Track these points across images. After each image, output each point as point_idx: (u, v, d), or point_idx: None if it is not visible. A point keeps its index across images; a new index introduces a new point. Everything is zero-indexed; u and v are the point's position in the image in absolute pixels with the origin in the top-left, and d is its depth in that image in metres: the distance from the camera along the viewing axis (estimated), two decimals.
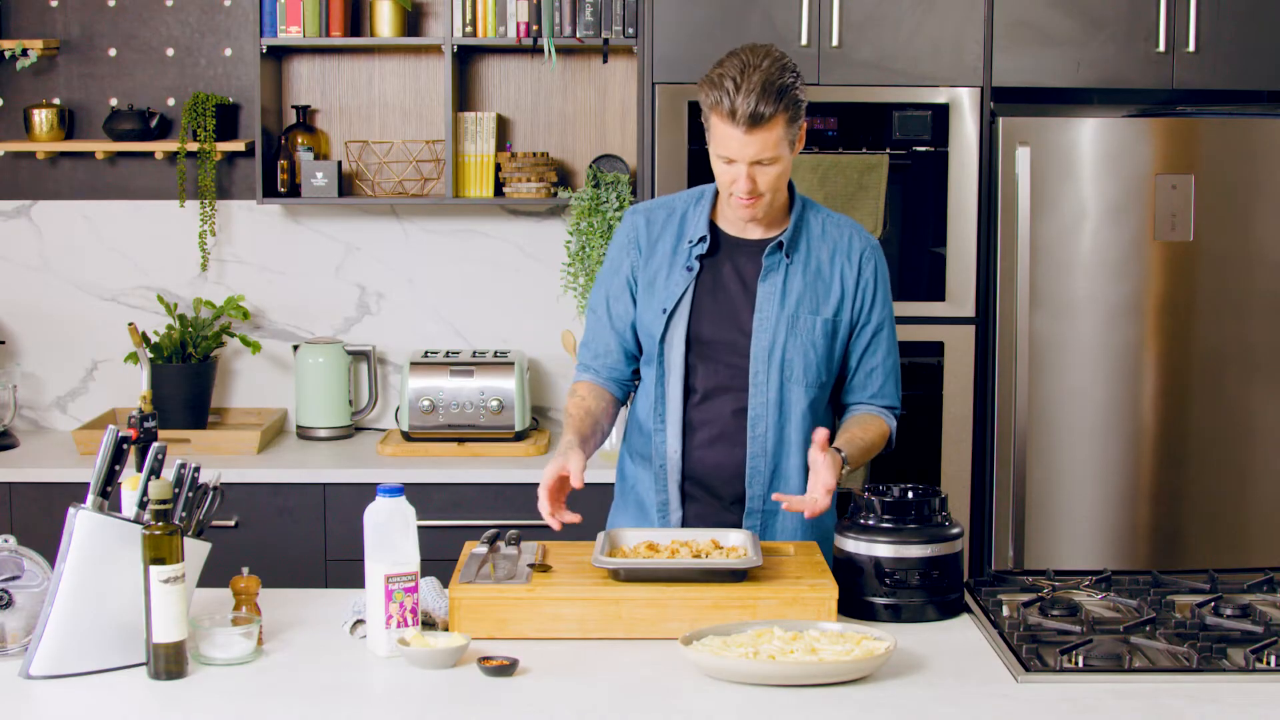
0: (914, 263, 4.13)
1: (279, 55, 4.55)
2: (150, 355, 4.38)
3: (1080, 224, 4.05)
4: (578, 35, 4.36)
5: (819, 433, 2.84)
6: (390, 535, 2.55)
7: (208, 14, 4.55)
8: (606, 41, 4.37)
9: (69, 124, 4.55)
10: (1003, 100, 4.17)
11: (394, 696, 2.40)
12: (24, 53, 4.42)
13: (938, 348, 4.11)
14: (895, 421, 3.10)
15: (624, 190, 4.35)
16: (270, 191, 4.46)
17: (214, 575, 2.77)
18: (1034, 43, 4.07)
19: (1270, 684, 2.42)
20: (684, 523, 3.02)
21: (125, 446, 2.55)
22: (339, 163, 4.44)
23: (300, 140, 4.51)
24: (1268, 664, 2.48)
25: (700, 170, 4.02)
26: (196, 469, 2.58)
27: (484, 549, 2.80)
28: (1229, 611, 2.70)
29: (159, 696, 2.39)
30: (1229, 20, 4.07)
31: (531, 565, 2.73)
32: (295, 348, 4.56)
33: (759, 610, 2.61)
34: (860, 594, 2.73)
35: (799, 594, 2.63)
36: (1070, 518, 4.10)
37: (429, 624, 2.65)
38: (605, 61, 4.53)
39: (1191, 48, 4.07)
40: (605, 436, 3.06)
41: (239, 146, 4.47)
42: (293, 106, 4.56)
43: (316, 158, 4.50)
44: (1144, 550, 4.11)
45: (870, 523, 2.76)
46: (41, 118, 4.46)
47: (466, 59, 4.59)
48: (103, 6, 4.54)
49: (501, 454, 4.27)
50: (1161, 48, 4.07)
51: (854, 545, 2.75)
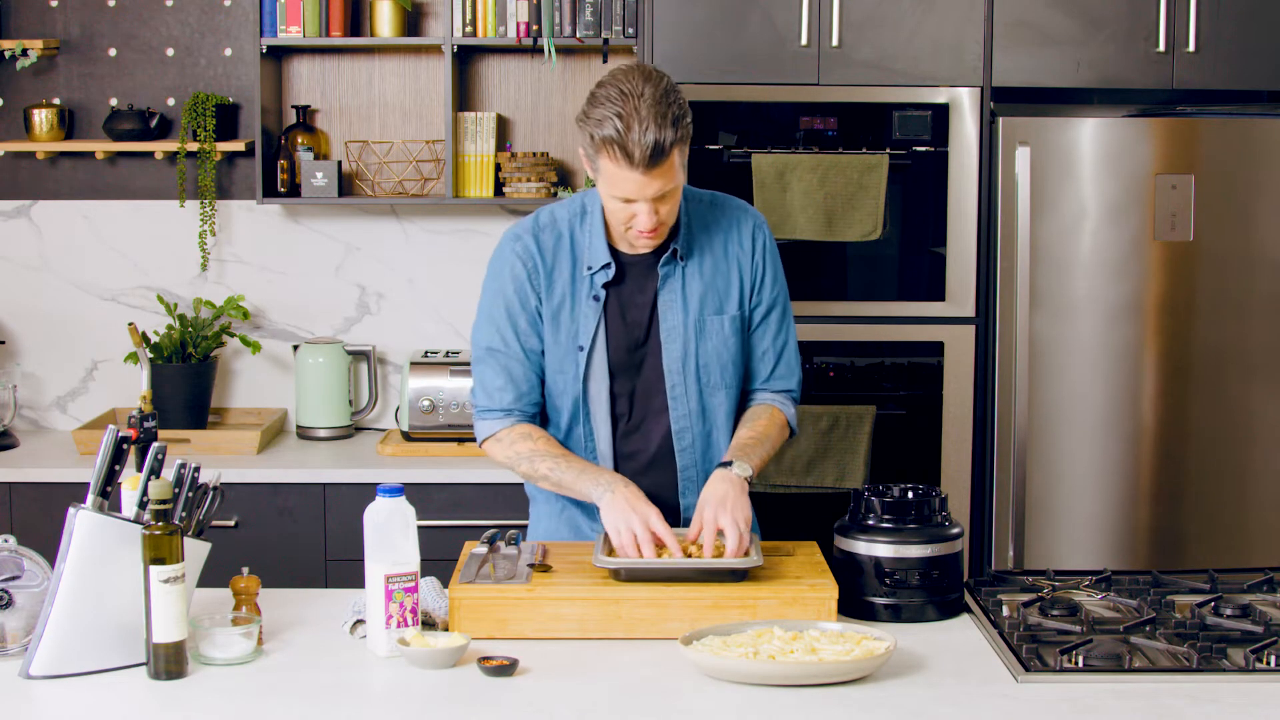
0: (914, 263, 4.13)
1: (279, 55, 4.55)
2: (150, 355, 4.38)
3: (1080, 224, 4.05)
4: (578, 35, 4.36)
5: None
6: (390, 535, 2.55)
7: (208, 14, 4.55)
8: (606, 41, 4.37)
9: (69, 124, 4.55)
10: (1003, 100, 4.17)
11: (394, 696, 2.40)
12: (24, 53, 4.42)
13: (938, 348, 4.11)
14: (793, 407, 3.03)
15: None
16: (270, 191, 4.46)
17: (214, 575, 2.77)
18: (1034, 43, 4.07)
19: (1270, 684, 2.42)
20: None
21: (125, 446, 2.55)
22: (339, 163, 4.44)
23: (300, 140, 4.51)
24: (1268, 664, 2.48)
25: (700, 171, 4.01)
26: (196, 469, 2.58)
27: (484, 549, 2.80)
28: (1229, 611, 2.70)
29: (159, 696, 2.39)
30: (1229, 20, 4.07)
31: (531, 565, 2.73)
32: (295, 348, 4.56)
33: (759, 610, 2.62)
34: (860, 594, 2.73)
35: (799, 594, 2.63)
36: (1070, 518, 4.10)
37: (429, 624, 2.65)
38: (605, 61, 4.52)
39: (1191, 48, 4.07)
40: None
41: (239, 146, 4.47)
42: (293, 106, 4.56)
43: (316, 158, 4.50)
44: (1144, 550, 4.11)
45: (870, 523, 2.76)
46: (41, 118, 4.46)
47: (466, 59, 4.59)
48: (103, 6, 4.54)
49: None
50: (1161, 48, 4.07)
51: (854, 545, 2.75)
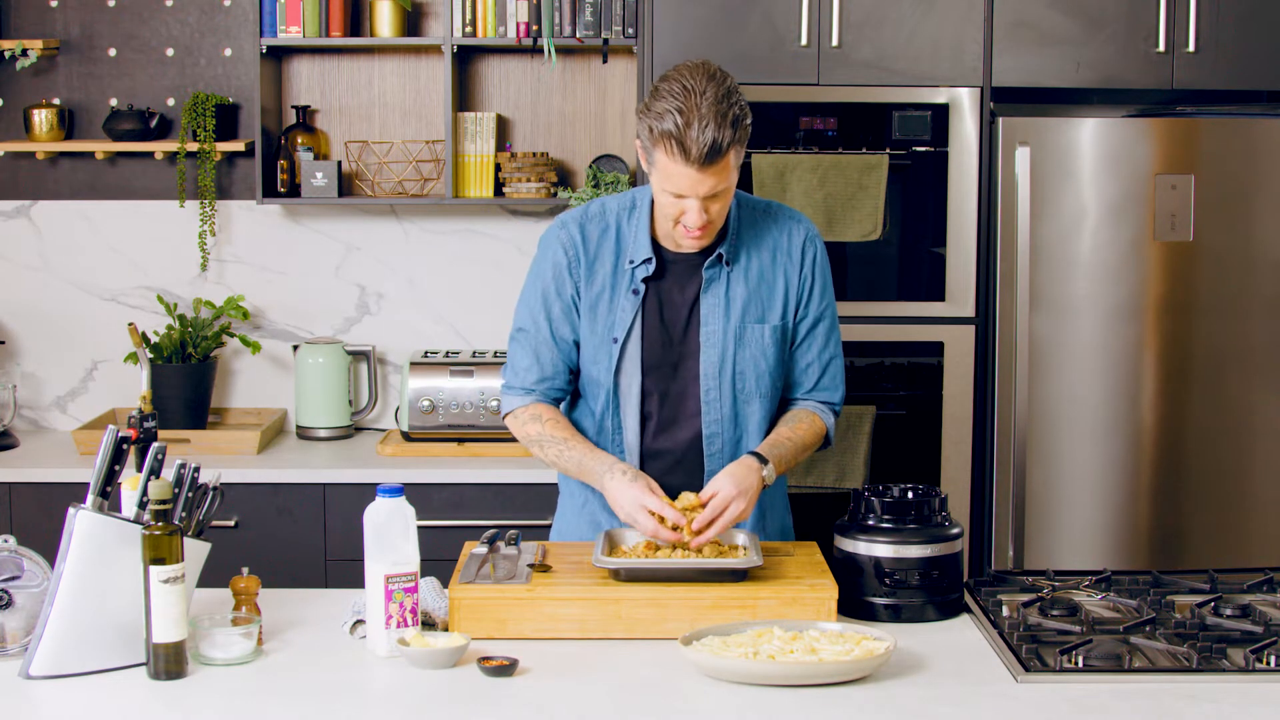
0: (914, 263, 4.13)
1: (279, 55, 4.55)
2: (150, 355, 4.38)
3: (1080, 224, 4.05)
4: (577, 35, 4.36)
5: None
6: (390, 535, 2.55)
7: (208, 14, 4.55)
8: (606, 41, 4.37)
9: (69, 124, 4.55)
10: (1002, 100, 4.17)
11: (394, 696, 2.40)
12: (24, 53, 4.42)
13: (938, 348, 4.11)
14: (833, 418, 3.03)
15: (624, 190, 4.34)
16: (270, 191, 4.46)
17: (214, 575, 2.77)
18: (1034, 43, 4.07)
19: (1270, 684, 2.42)
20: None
21: (125, 446, 2.55)
22: (339, 163, 4.44)
23: (300, 140, 4.51)
24: (1268, 664, 2.48)
25: None
26: (196, 469, 2.58)
27: (484, 549, 2.80)
28: (1229, 611, 2.70)
29: (159, 696, 2.39)
30: (1229, 20, 4.07)
31: (531, 565, 2.73)
32: (295, 348, 4.56)
33: (759, 610, 2.62)
34: (860, 594, 2.73)
35: (799, 594, 2.63)
36: (1070, 518, 4.10)
37: (429, 624, 2.65)
38: (605, 61, 4.53)
39: (1191, 48, 4.07)
40: None
41: (239, 146, 4.47)
42: (293, 106, 4.56)
43: (316, 158, 4.50)
44: (1144, 550, 4.11)
45: (870, 523, 2.76)
46: (41, 118, 4.46)
47: (466, 59, 4.59)
48: (103, 6, 4.54)
49: (501, 454, 4.27)
50: (1161, 48, 4.07)
51: (854, 545, 2.75)
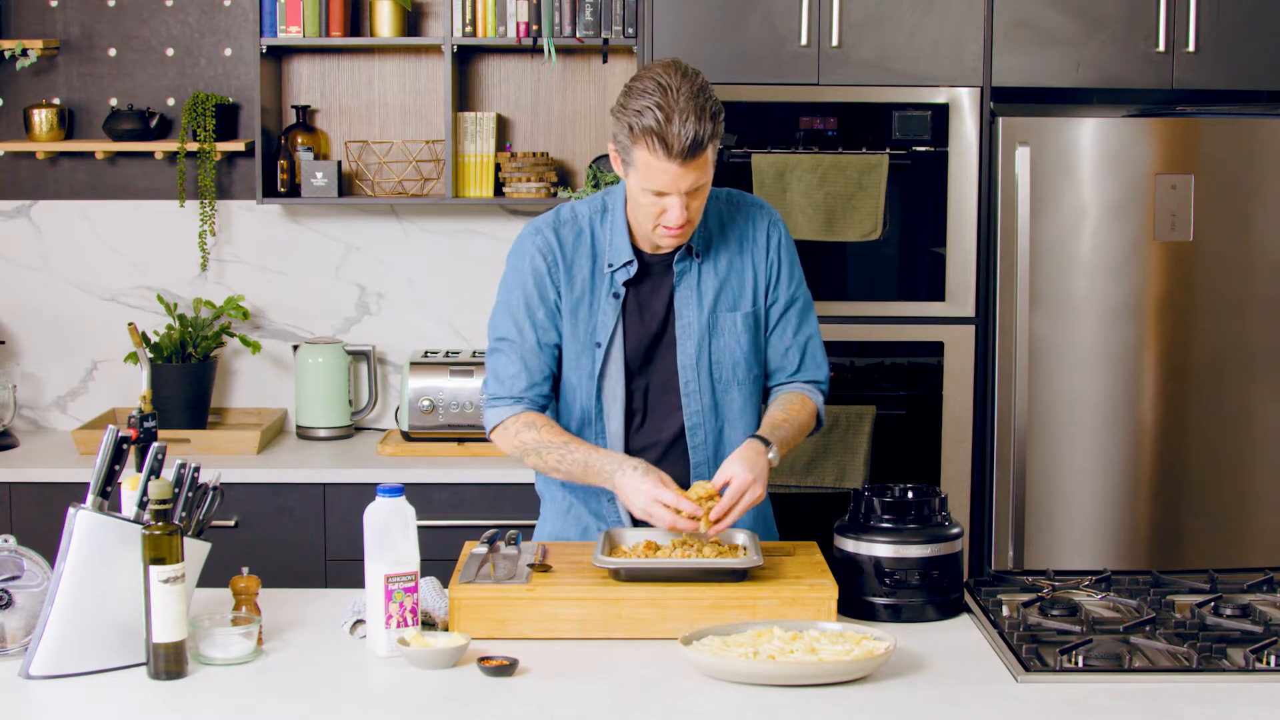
0: (914, 263, 4.13)
1: (279, 55, 4.55)
2: (150, 355, 4.38)
3: (1080, 224, 4.05)
4: (577, 35, 4.36)
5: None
6: (390, 535, 2.55)
7: (208, 14, 4.55)
8: (606, 41, 4.37)
9: (69, 124, 4.55)
10: (1002, 100, 4.17)
11: (394, 696, 2.40)
12: (24, 53, 4.42)
13: (938, 348, 4.11)
14: (821, 397, 3.03)
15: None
16: (270, 191, 4.46)
17: (214, 575, 2.77)
18: (1034, 43, 4.07)
19: (1270, 684, 2.42)
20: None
21: (125, 446, 2.55)
22: (339, 163, 4.44)
23: (300, 140, 4.51)
24: (1268, 664, 2.48)
25: None
26: (196, 469, 2.58)
27: (484, 549, 2.79)
28: (1229, 611, 2.70)
29: (159, 696, 2.39)
30: (1229, 20, 4.07)
31: (531, 565, 2.73)
32: (295, 348, 4.56)
33: (759, 610, 2.62)
34: (860, 594, 2.73)
35: (799, 594, 2.63)
36: (1070, 518, 4.10)
37: (429, 624, 2.65)
38: (605, 61, 4.53)
39: (1191, 48, 4.07)
40: None
41: (239, 146, 4.47)
42: (293, 106, 4.56)
43: (316, 158, 4.50)
44: (1144, 550, 4.11)
45: (870, 523, 2.76)
46: (41, 118, 4.46)
47: (466, 59, 4.59)
48: (103, 6, 4.54)
49: (501, 454, 4.26)
50: (1161, 48, 4.07)
51: (854, 545, 2.75)
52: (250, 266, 4.63)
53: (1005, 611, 2.75)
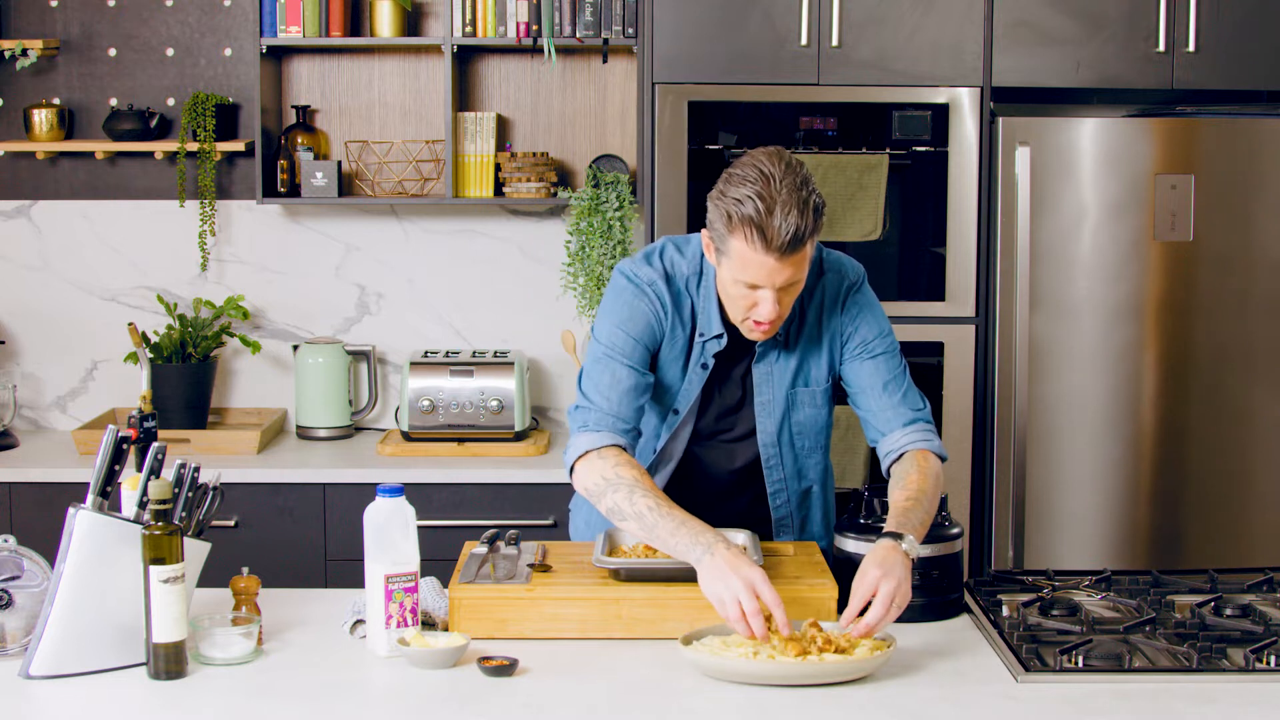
0: (914, 263, 4.13)
1: (279, 55, 4.55)
2: (150, 355, 4.38)
3: (1080, 224, 4.05)
4: (578, 35, 4.36)
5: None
6: (390, 535, 2.55)
7: (208, 14, 4.55)
8: (606, 41, 4.37)
9: (69, 124, 4.55)
10: (1002, 100, 4.17)
11: (394, 696, 2.40)
12: (24, 53, 4.42)
13: (938, 348, 4.11)
14: (933, 433, 2.86)
15: (624, 190, 4.34)
16: (270, 191, 4.46)
17: (214, 575, 2.77)
18: (1034, 43, 4.07)
19: (1270, 684, 2.42)
20: None
21: (125, 446, 2.55)
22: (339, 163, 4.44)
23: (300, 140, 4.51)
24: (1268, 664, 2.48)
25: (700, 170, 4.02)
26: (196, 469, 2.58)
27: (484, 549, 2.79)
28: (1229, 611, 2.70)
29: (159, 696, 2.39)
30: (1229, 20, 4.07)
31: (531, 565, 2.73)
32: (295, 348, 4.56)
33: None
34: None
35: (799, 594, 2.63)
36: (1070, 518, 4.10)
37: (429, 624, 2.65)
38: (605, 61, 4.53)
39: (1191, 48, 4.07)
40: None
41: (239, 146, 4.47)
42: (293, 106, 4.56)
43: (316, 158, 4.50)
44: (1144, 550, 4.11)
45: (870, 523, 2.76)
46: (41, 118, 4.46)
47: (466, 59, 4.59)
48: (103, 6, 4.54)
49: (501, 454, 4.27)
50: (1161, 48, 4.07)
51: (854, 545, 2.75)
52: (250, 266, 4.63)
53: (1005, 611, 2.75)
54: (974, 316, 4.12)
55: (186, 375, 4.39)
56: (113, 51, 4.56)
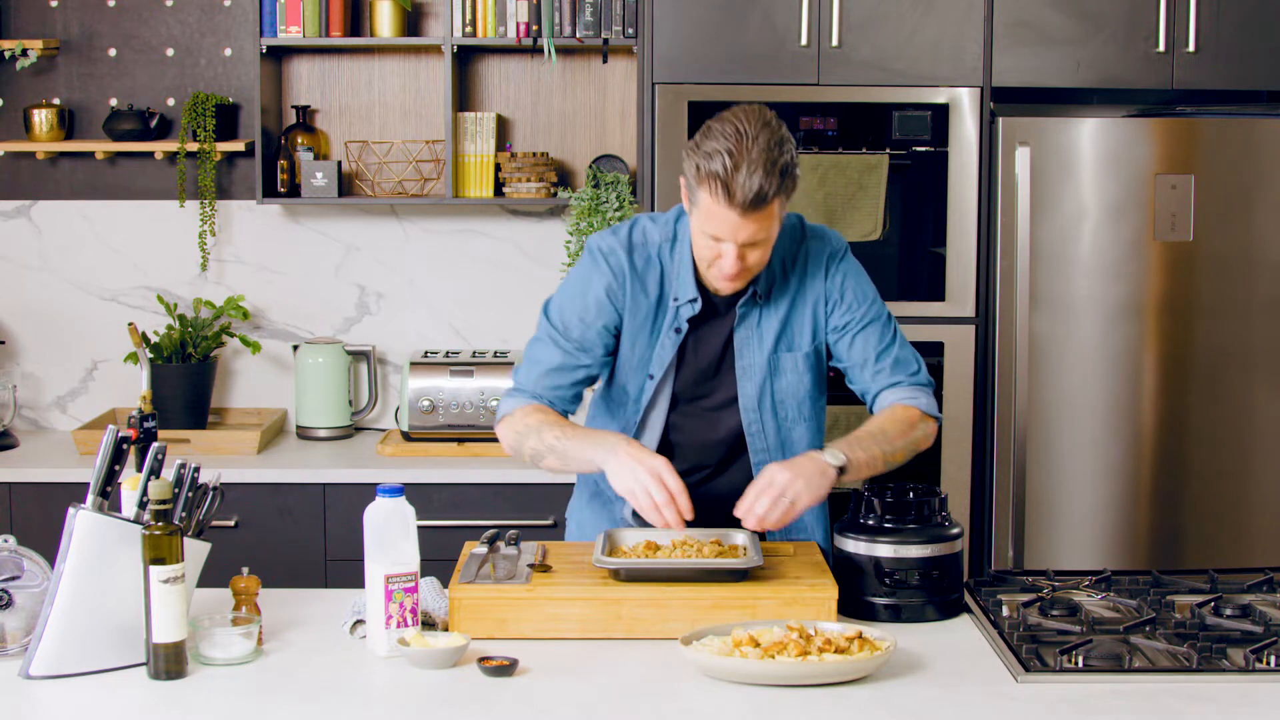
0: (914, 263, 4.13)
1: (279, 55, 4.55)
2: (150, 355, 4.38)
3: (1080, 224, 4.05)
4: (577, 35, 4.36)
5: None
6: (390, 535, 2.55)
7: (208, 14, 4.55)
8: (606, 41, 4.37)
9: (69, 124, 4.55)
10: (1003, 100, 4.17)
11: (394, 696, 2.40)
12: (24, 53, 4.42)
13: (938, 348, 4.11)
14: (924, 393, 2.91)
15: (624, 190, 4.35)
16: (270, 191, 4.46)
17: (214, 575, 2.77)
18: (1034, 43, 4.07)
19: (1270, 684, 2.42)
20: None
21: (125, 446, 2.55)
22: (339, 163, 4.44)
23: (300, 140, 4.51)
24: (1268, 664, 2.48)
25: None
26: (196, 469, 2.58)
27: (484, 549, 2.79)
28: (1229, 611, 2.70)
29: (159, 696, 2.39)
30: (1229, 20, 4.07)
31: (531, 565, 2.73)
32: (295, 348, 4.56)
33: (759, 610, 2.61)
34: (860, 594, 2.73)
35: (799, 594, 2.63)
36: (1070, 518, 4.10)
37: (429, 624, 2.65)
38: (605, 61, 4.53)
39: (1191, 48, 4.07)
40: None
41: (239, 146, 4.47)
42: (293, 106, 4.56)
43: (316, 158, 4.50)
44: (1144, 550, 4.11)
45: (870, 523, 2.76)
46: (41, 118, 4.46)
47: (466, 59, 4.59)
48: (103, 6, 4.54)
49: (502, 454, 4.27)
50: (1161, 48, 4.07)
51: (854, 545, 2.75)
52: (250, 266, 4.63)
53: (1005, 611, 2.75)
54: (974, 316, 4.12)
55: (186, 375, 4.39)
56: (113, 51, 4.56)
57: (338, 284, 4.65)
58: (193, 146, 4.42)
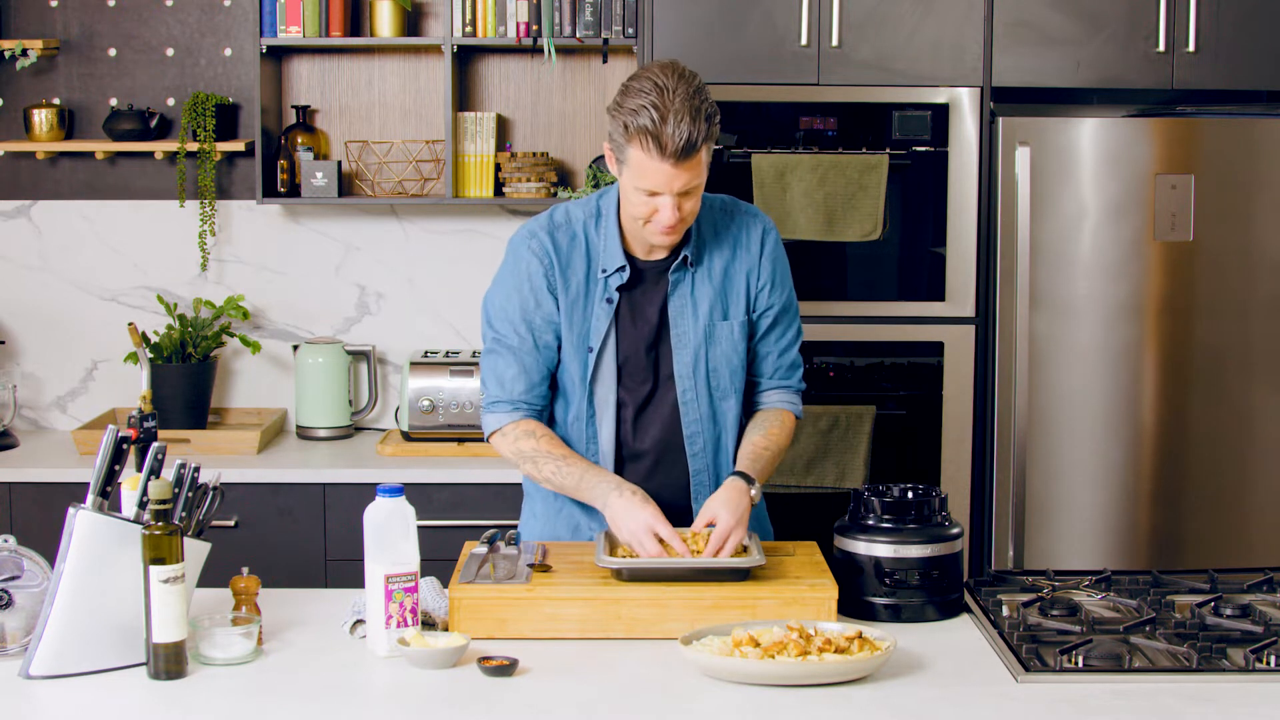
0: (914, 263, 4.13)
1: (279, 55, 4.55)
2: (150, 355, 4.38)
3: (1080, 224, 4.05)
4: (577, 35, 4.36)
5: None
6: (390, 535, 2.55)
7: (208, 14, 4.55)
8: (606, 41, 4.37)
9: (69, 124, 4.55)
10: (1003, 100, 4.17)
11: (394, 696, 2.40)
12: (24, 53, 4.42)
13: (938, 348, 4.11)
14: (799, 398, 3.07)
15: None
16: (270, 191, 4.46)
17: (214, 575, 2.77)
18: (1034, 43, 4.07)
19: (1270, 684, 2.42)
20: None
21: (125, 446, 2.55)
22: (339, 163, 4.44)
23: (300, 140, 4.51)
24: (1268, 664, 2.48)
25: None
26: (196, 469, 2.58)
27: (484, 549, 2.80)
28: (1229, 611, 2.70)
29: (159, 696, 2.39)
30: (1229, 20, 4.07)
31: (531, 565, 2.73)
32: (295, 348, 4.56)
33: (759, 610, 2.62)
34: (860, 594, 2.73)
35: (799, 594, 2.63)
36: (1070, 518, 4.10)
37: (429, 624, 2.65)
38: (605, 61, 4.53)
39: (1191, 48, 4.07)
40: None
41: (239, 146, 4.47)
42: (293, 106, 4.56)
43: (316, 158, 4.50)
44: (1144, 550, 4.11)
45: (870, 523, 2.76)
46: (41, 118, 4.46)
47: (466, 59, 4.59)
48: (103, 6, 4.54)
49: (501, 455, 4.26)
50: (1161, 48, 4.07)
51: (854, 545, 2.75)
52: (250, 266, 4.63)
53: (1005, 611, 2.75)
54: (974, 316, 4.12)
55: (186, 375, 4.39)
56: (113, 51, 4.56)
57: (338, 284, 4.65)
58: (193, 146, 4.42)
